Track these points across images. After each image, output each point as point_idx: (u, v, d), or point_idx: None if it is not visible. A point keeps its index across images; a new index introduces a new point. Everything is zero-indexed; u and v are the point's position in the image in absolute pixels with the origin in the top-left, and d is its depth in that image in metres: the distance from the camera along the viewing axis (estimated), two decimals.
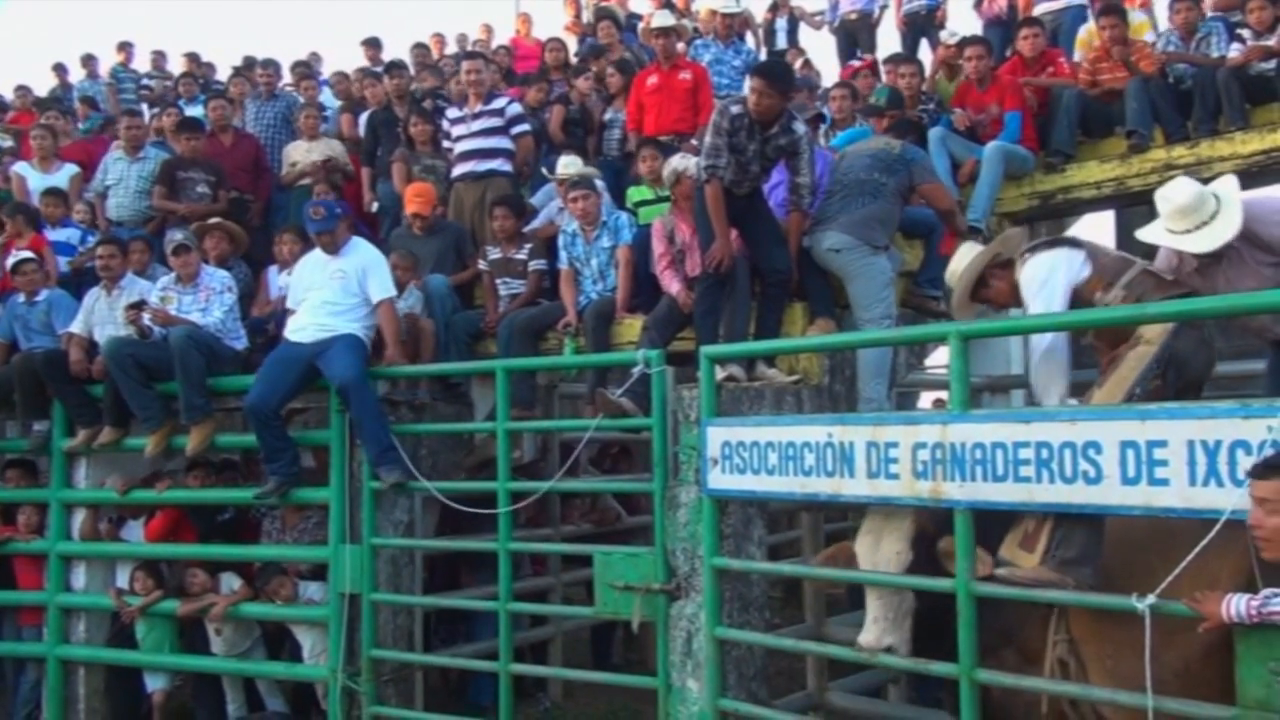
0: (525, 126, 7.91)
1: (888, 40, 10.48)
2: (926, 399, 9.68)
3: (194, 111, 9.89)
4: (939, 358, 8.08)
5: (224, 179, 8.29)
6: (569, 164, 7.29)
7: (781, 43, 10.89)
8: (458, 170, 7.73)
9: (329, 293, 6.17)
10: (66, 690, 6.85)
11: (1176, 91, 7.10)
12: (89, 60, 13.25)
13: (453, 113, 7.93)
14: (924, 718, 5.36)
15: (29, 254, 7.39)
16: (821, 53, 11.61)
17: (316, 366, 6.07)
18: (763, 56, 10.19)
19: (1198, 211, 4.16)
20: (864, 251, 5.61)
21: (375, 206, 8.69)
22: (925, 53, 9.66)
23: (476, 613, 6.74)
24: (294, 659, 6.49)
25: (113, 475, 6.88)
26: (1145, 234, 4.38)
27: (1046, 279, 4.22)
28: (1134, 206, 7.35)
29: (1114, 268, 4.24)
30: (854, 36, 10.37)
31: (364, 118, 9.28)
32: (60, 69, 13.45)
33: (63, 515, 6.96)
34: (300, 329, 6.17)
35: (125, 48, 13.45)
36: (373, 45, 11.94)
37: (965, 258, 4.67)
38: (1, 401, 7.19)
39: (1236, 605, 3.11)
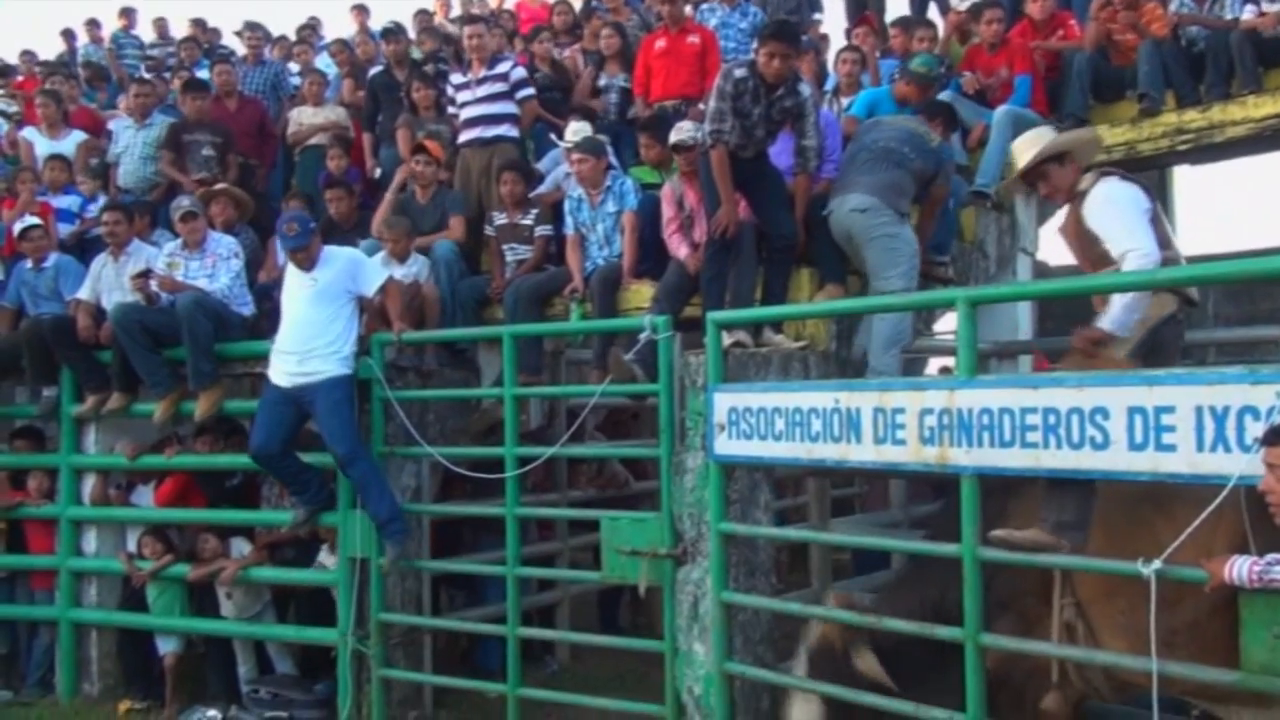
0: (530, 90, 7.85)
1: (896, 2, 10.38)
2: (934, 365, 9.65)
3: (200, 75, 9.84)
4: (947, 324, 8.05)
5: (231, 141, 8.23)
6: (578, 130, 7.23)
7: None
8: (464, 136, 7.67)
9: (305, 308, 5.97)
10: (79, 653, 6.94)
11: (1189, 54, 7.02)
12: (93, 25, 13.18)
13: (456, 79, 7.85)
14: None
15: (36, 220, 7.39)
16: (829, 14, 11.48)
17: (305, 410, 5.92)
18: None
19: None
20: (890, 216, 5.44)
21: (378, 173, 8.64)
22: (932, 14, 9.54)
23: (485, 577, 6.78)
24: (300, 622, 6.56)
25: (122, 440, 6.92)
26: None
27: (1136, 207, 4.18)
28: (1145, 171, 7.29)
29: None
30: None
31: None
32: (69, 34, 13.36)
33: (73, 480, 7.01)
34: (275, 370, 5.98)
35: (127, 14, 13.36)
36: (360, 10, 11.86)
37: (1045, 137, 4.54)
38: (10, 367, 7.22)
39: (1239, 568, 3.13)
